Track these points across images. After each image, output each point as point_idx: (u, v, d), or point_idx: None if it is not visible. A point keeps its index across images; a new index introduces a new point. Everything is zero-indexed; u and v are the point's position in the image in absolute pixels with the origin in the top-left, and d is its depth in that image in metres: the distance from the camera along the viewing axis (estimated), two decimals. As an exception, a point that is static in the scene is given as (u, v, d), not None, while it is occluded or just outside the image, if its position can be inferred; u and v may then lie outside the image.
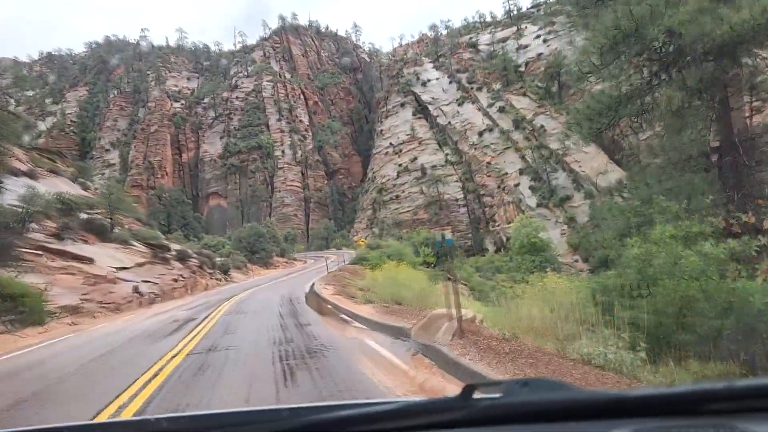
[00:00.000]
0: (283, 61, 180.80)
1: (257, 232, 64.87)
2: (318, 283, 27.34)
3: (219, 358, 9.87)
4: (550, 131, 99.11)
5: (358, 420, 1.48)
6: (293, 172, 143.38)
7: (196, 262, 36.65)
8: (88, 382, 8.85)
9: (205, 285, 34.99)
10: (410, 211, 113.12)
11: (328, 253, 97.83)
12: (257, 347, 10.87)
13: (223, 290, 33.46)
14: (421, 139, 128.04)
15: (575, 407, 1.40)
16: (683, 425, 1.24)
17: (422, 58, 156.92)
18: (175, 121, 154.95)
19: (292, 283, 35.12)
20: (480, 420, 1.43)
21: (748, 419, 1.20)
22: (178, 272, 32.29)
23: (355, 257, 42.85)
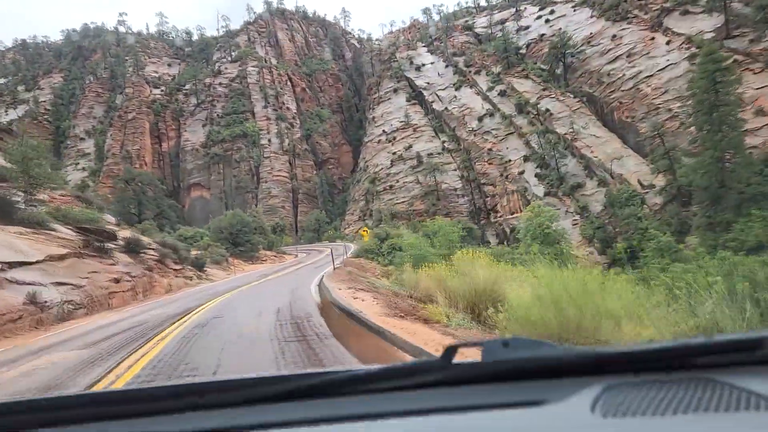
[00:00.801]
0: (268, 46, 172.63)
1: (241, 221, 56.41)
2: (336, 287, 17.46)
3: None
4: (556, 115, 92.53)
5: (342, 382, 1.50)
6: (280, 162, 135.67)
7: (155, 255, 28.36)
8: None
9: (168, 286, 26.84)
10: (405, 201, 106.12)
11: (320, 246, 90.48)
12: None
13: (191, 293, 24.84)
14: (416, 126, 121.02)
15: (554, 365, 1.44)
16: (662, 380, 1.28)
17: (415, 43, 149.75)
18: (155, 108, 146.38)
19: (287, 282, 27.23)
20: (462, 379, 1.46)
21: (726, 373, 1.24)
22: (124, 269, 24.19)
23: (360, 249, 35.79)
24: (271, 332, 11.04)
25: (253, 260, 53.94)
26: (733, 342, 1.30)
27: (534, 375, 1.41)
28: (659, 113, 77.81)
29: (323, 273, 28.34)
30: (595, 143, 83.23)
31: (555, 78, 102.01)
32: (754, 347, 1.23)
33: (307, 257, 57.48)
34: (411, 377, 1.48)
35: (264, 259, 57.52)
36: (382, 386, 1.48)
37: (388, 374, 1.52)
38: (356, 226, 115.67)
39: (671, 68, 79.75)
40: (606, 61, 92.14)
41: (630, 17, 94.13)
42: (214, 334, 11.84)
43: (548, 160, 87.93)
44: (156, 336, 12.20)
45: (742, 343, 1.27)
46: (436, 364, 1.46)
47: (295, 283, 25.86)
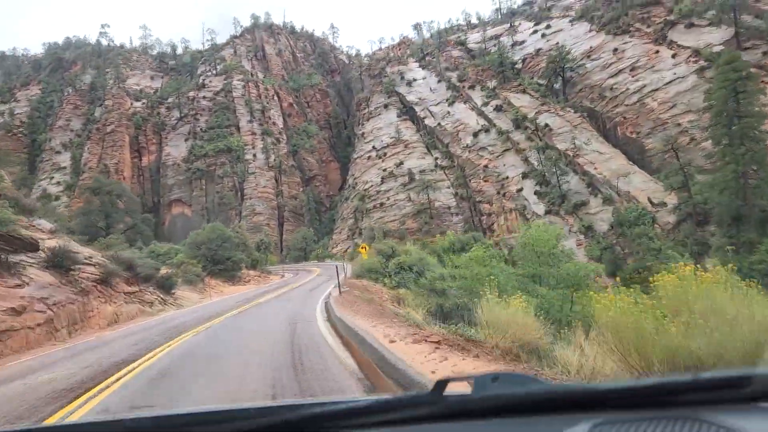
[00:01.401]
0: (255, 60, 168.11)
1: (221, 236, 49.44)
2: (366, 326, 11.21)
3: None
4: (556, 130, 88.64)
5: (331, 416, 1.48)
6: (266, 178, 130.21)
7: (95, 273, 21.23)
8: None
9: (113, 316, 20.12)
10: (397, 219, 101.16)
11: (308, 265, 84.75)
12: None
13: (141, 329, 18.41)
14: (408, 142, 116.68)
15: (544, 400, 1.44)
16: (650, 417, 1.27)
17: (406, 58, 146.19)
18: (135, 121, 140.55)
19: (279, 311, 20.89)
20: (452, 414, 1.45)
21: (713, 410, 1.24)
22: (37, 293, 16.98)
23: (361, 268, 30.51)
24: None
25: (235, 281, 48.33)
26: (721, 379, 1.28)
27: (523, 410, 1.39)
28: (667, 128, 74.10)
29: (324, 297, 23.00)
30: (599, 160, 79.20)
31: (553, 93, 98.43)
32: (741, 385, 1.22)
33: (295, 278, 51.74)
34: (400, 411, 1.45)
35: (247, 279, 51.40)
36: (371, 420, 1.44)
37: (378, 408, 1.49)
38: (345, 245, 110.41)
39: (679, 82, 76.33)
40: (608, 75, 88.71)
41: (632, 31, 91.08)
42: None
43: (549, 177, 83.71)
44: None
45: (730, 380, 1.26)
46: (426, 397, 1.44)
47: (291, 311, 20.11)
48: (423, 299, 23.53)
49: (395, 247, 35.32)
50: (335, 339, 11.94)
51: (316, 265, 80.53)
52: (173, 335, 15.74)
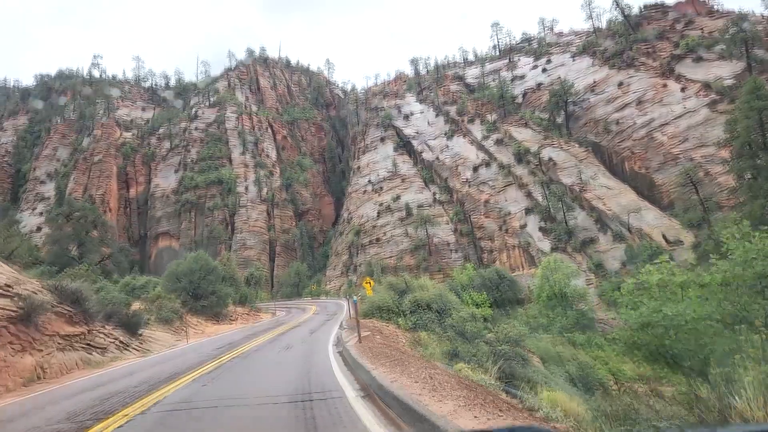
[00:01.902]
0: (249, 92, 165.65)
1: (205, 267, 43.52)
2: None
3: None
4: (561, 164, 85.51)
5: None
6: (257, 211, 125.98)
7: (8, 307, 15.06)
8: None
9: (36, 370, 14.68)
10: (394, 255, 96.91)
11: (301, 302, 79.81)
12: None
13: (66, 394, 12.53)
14: (405, 176, 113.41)
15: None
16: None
17: (403, 92, 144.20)
18: (124, 152, 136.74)
19: (278, 368, 14.85)
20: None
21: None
22: None
23: (370, 305, 26.02)
24: None
25: (220, 318, 43.05)
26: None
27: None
28: (678, 163, 71.10)
29: (333, 342, 18.68)
30: (607, 195, 75.84)
31: (556, 127, 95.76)
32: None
33: (289, 317, 46.73)
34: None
35: (234, 317, 45.68)
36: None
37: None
38: (339, 282, 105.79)
39: (689, 115, 73.69)
40: (613, 108, 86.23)
41: (637, 65, 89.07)
42: None
43: (554, 212, 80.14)
44: None
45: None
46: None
47: (294, 366, 14.29)
48: (448, 344, 19.32)
49: (410, 281, 30.95)
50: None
51: (311, 302, 75.56)
52: (120, 401, 10.68)
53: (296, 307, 67.52)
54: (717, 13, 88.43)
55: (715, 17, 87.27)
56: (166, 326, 29.19)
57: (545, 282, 56.26)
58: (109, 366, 18.32)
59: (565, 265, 58.16)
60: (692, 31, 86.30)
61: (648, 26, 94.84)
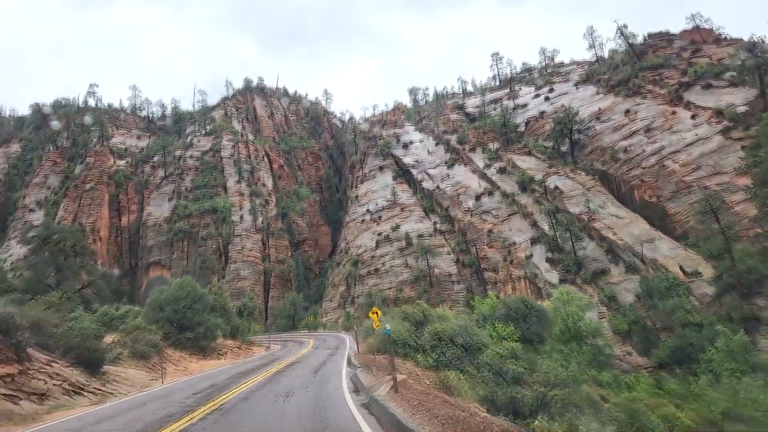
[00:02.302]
0: (246, 121, 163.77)
1: (192, 295, 38.17)
2: None
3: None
4: (567, 193, 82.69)
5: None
6: (252, 241, 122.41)
7: None
8: None
9: None
10: (393, 287, 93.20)
11: (298, 335, 75.71)
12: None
13: None
14: (404, 205, 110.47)
15: None
16: None
17: (402, 121, 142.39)
18: (117, 179, 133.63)
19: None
20: None
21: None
22: None
23: (381, 340, 22.41)
24: None
25: (207, 353, 38.42)
26: None
27: None
28: (692, 191, 68.39)
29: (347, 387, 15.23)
30: (618, 224, 72.83)
31: (561, 155, 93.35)
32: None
33: (285, 351, 42.82)
34: None
35: (223, 351, 40.65)
36: None
37: None
38: (336, 314, 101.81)
39: (702, 143, 71.29)
40: (620, 136, 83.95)
41: (644, 92, 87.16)
42: None
43: (562, 242, 76.95)
44: None
45: None
46: None
47: None
48: (486, 388, 15.88)
49: (428, 311, 27.34)
50: None
51: (308, 335, 71.48)
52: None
53: (292, 340, 63.57)
54: (724, 41, 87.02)
55: (723, 45, 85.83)
56: (142, 362, 25.00)
57: (557, 315, 52.85)
58: (39, 421, 14.08)
59: (578, 297, 54.73)
60: (700, 59, 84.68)
61: (653, 54, 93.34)
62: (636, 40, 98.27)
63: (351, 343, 39.59)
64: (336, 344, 42.93)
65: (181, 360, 30.37)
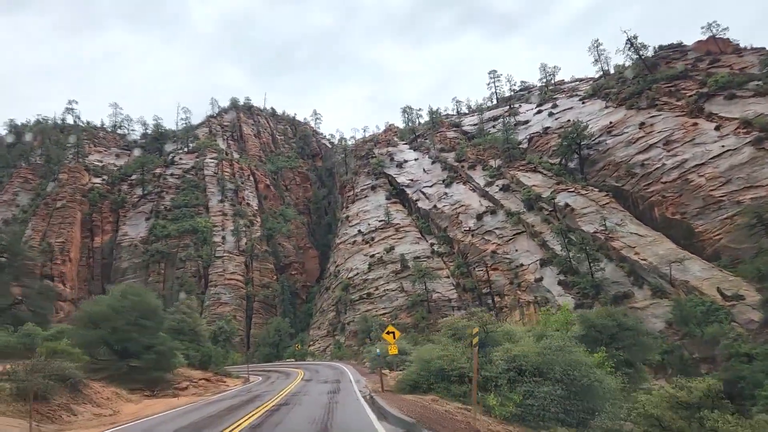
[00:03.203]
0: (231, 140, 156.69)
1: (139, 306, 28.01)
2: None
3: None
4: (579, 211, 76.04)
5: None
6: (235, 263, 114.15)
7: None
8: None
9: None
10: (388, 313, 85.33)
11: (283, 365, 67.26)
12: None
13: None
14: (399, 226, 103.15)
15: None
16: None
17: (395, 140, 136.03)
18: (91, 198, 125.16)
19: None
20: None
21: None
22: None
23: (414, 371, 14.72)
24: None
25: (158, 388, 29.11)
26: None
27: None
28: (722, 206, 61.90)
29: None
30: (640, 243, 65.97)
31: (569, 171, 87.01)
32: None
33: (267, 385, 34.48)
34: None
35: (182, 386, 30.48)
36: None
37: None
38: (325, 342, 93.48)
39: (730, 155, 65.11)
40: (636, 150, 77.77)
41: (659, 104, 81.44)
42: None
43: (576, 264, 69.88)
44: None
45: None
46: None
47: None
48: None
49: (493, 324, 19.49)
50: None
51: (296, 365, 63.00)
52: None
53: (277, 370, 55.32)
54: (745, 51, 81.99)
55: (743, 54, 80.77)
56: (38, 404, 16.55)
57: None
58: None
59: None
60: (719, 69, 79.39)
61: (666, 66, 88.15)
62: (646, 52, 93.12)
63: (354, 375, 31.96)
64: (334, 377, 34.94)
65: (113, 400, 21.39)
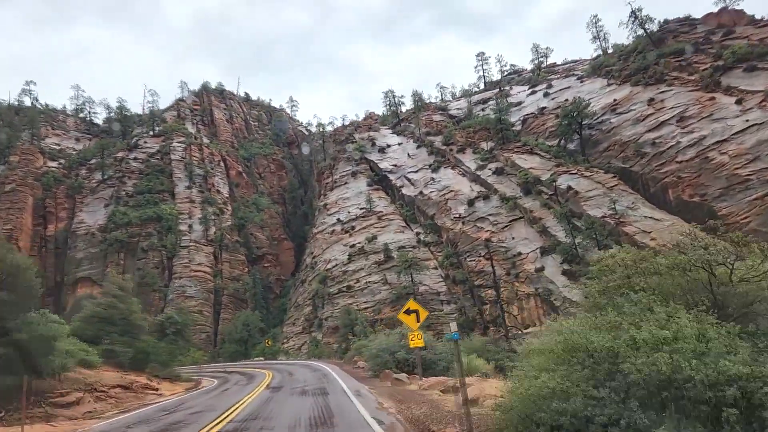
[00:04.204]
0: (201, 124, 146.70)
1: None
2: None
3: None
4: (583, 194, 68.80)
5: None
6: (202, 254, 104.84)
7: None
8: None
9: None
10: (370, 307, 77.24)
11: (251, 365, 58.50)
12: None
13: None
14: (381, 214, 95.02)
15: None
16: None
17: (377, 125, 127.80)
18: (45, 182, 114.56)
19: None
20: None
21: None
22: None
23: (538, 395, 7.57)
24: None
25: (12, 408, 19.41)
26: None
27: None
28: (750, 186, 55.04)
29: None
30: (656, 228, 58.88)
31: (569, 153, 79.78)
32: None
33: (215, 394, 25.07)
34: None
35: (71, 399, 21.60)
36: None
37: None
38: (300, 340, 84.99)
39: (756, 130, 58.25)
40: (645, 128, 70.74)
41: (669, 80, 74.61)
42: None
43: (582, 251, 62.55)
44: None
45: None
46: None
47: None
48: None
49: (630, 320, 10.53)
50: None
51: (264, 365, 54.25)
52: None
53: (241, 371, 46.77)
54: (762, 21, 75.64)
55: (760, 25, 74.39)
56: None
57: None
58: None
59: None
60: (734, 41, 72.85)
61: (674, 40, 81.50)
62: (652, 26, 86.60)
63: (346, 380, 23.87)
64: (317, 382, 26.43)
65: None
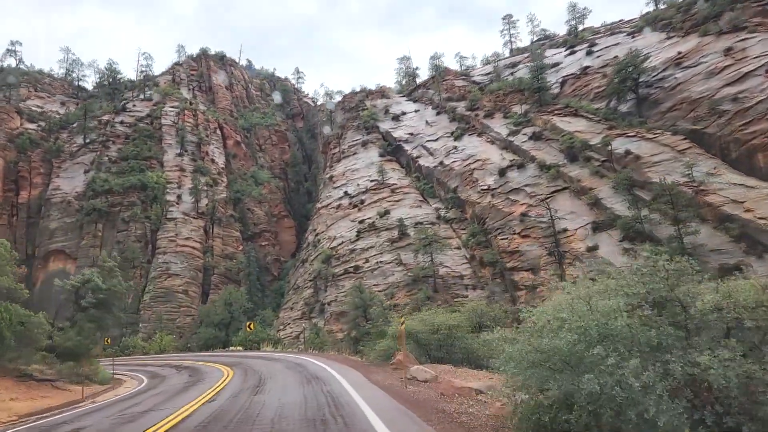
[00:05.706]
0: (198, 90, 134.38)
1: None
2: None
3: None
4: (646, 159, 56.50)
5: None
6: (190, 228, 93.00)
7: None
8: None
9: None
10: (381, 291, 65.10)
11: (223, 356, 46.13)
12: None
13: None
14: (395, 187, 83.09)
15: None
16: None
17: (390, 92, 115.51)
18: (20, 144, 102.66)
19: None
20: None
21: None
22: None
23: None
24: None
25: None
26: None
27: None
28: None
29: None
30: (750, 197, 46.60)
31: (622, 116, 67.28)
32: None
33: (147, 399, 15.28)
34: None
35: None
36: None
37: None
38: (298, 327, 73.16)
39: None
40: (722, 82, 58.10)
41: (748, 26, 62.05)
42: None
43: (650, 228, 50.41)
44: None
45: None
46: None
47: None
48: None
49: None
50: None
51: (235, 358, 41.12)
52: None
53: (193, 367, 34.75)
54: None
55: None
56: None
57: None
58: None
59: None
60: (833, -21, 60.39)
61: (750, -16, 68.87)
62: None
63: (372, 402, 12.10)
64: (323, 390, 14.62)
65: None
